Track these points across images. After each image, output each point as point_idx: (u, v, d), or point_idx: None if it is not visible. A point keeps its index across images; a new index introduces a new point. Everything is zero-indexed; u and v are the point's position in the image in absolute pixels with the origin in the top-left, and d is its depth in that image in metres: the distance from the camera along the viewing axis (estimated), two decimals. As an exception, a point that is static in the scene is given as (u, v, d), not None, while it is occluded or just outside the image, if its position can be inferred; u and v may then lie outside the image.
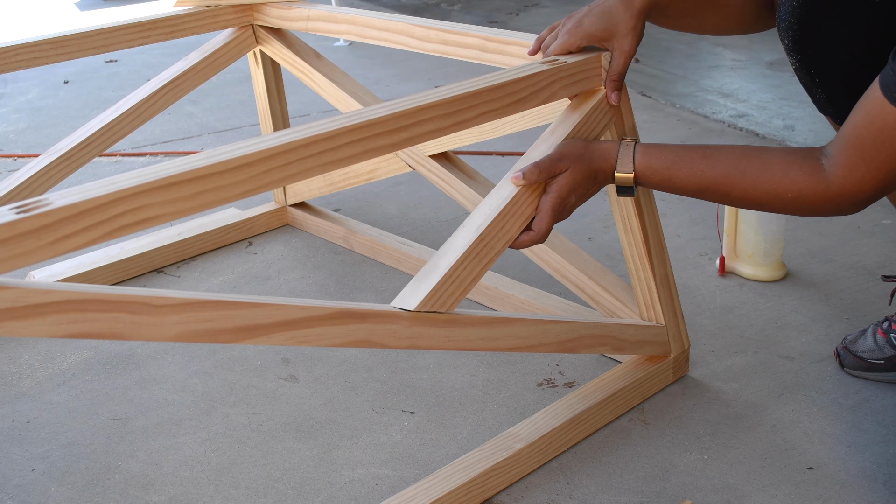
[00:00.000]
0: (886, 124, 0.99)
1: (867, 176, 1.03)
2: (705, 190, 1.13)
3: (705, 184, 1.12)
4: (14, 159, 2.60)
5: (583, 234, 1.91)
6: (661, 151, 1.14)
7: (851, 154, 1.03)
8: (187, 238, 1.89)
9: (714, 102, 2.78)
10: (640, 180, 1.15)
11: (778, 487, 1.18)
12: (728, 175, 1.10)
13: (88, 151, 1.61)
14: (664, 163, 1.13)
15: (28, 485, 1.26)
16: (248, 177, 0.89)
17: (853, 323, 1.52)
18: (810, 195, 1.07)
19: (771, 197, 1.09)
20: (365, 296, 1.71)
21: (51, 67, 3.61)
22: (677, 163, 1.12)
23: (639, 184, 1.15)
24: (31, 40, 1.55)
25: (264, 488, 1.23)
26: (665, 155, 1.13)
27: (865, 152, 1.02)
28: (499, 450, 1.21)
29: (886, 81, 0.99)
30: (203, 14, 1.73)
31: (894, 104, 0.98)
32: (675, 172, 1.13)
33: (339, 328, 0.99)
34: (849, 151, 1.03)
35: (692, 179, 1.12)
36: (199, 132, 2.76)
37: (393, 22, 1.49)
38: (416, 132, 1.02)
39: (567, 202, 1.13)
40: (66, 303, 0.80)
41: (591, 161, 1.13)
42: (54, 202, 0.78)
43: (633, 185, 1.15)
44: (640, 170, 1.14)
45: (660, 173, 1.13)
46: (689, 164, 1.12)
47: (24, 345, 1.61)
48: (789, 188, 1.08)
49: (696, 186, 1.12)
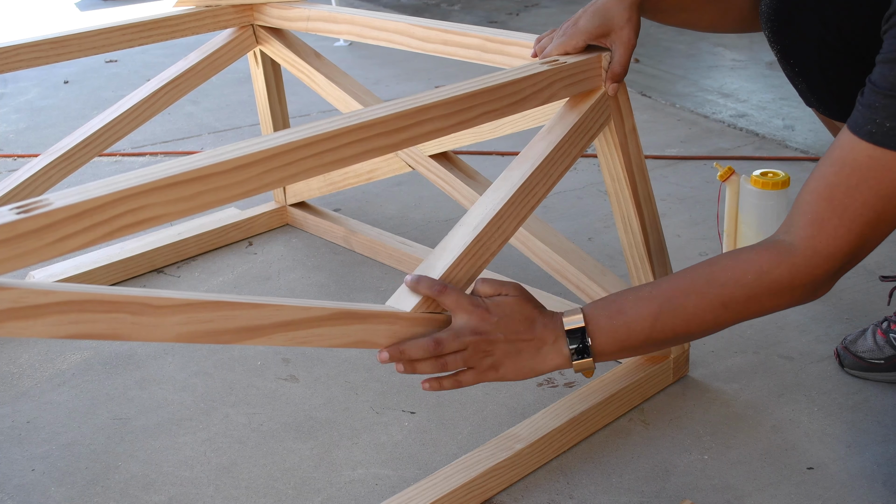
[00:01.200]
0: (858, 163, 0.90)
1: (840, 230, 0.92)
2: (670, 338, 1.02)
3: (671, 336, 1.02)
4: (14, 159, 2.60)
5: (583, 234, 1.91)
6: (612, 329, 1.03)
7: (819, 209, 0.93)
8: (187, 238, 1.89)
9: (714, 102, 2.78)
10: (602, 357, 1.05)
11: (778, 487, 1.18)
12: (675, 300, 1.00)
13: (88, 151, 1.61)
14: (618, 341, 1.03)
15: (28, 485, 1.26)
16: (248, 177, 0.89)
17: (853, 323, 1.52)
18: (773, 269, 0.96)
19: (729, 293, 0.97)
20: (365, 296, 1.71)
21: (51, 67, 3.61)
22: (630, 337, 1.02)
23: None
24: (31, 40, 1.55)
25: (264, 488, 1.23)
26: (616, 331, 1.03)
27: (836, 202, 0.92)
28: (499, 450, 1.21)
29: (854, 120, 0.91)
30: (203, 14, 1.73)
31: (867, 139, 0.89)
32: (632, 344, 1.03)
33: (340, 329, 0.99)
34: (815, 208, 0.93)
35: (650, 338, 1.02)
36: (199, 132, 2.76)
37: (393, 22, 1.49)
38: (417, 132, 1.02)
39: None
40: (66, 303, 0.80)
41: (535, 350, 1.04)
42: (55, 202, 0.78)
43: None
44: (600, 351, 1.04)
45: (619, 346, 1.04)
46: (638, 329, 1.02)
47: (24, 345, 1.61)
48: (746, 270, 0.97)
49: (658, 340, 1.03)
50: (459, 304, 1.02)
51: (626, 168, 1.26)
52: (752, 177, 1.64)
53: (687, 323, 1.01)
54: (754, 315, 1.00)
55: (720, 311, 0.99)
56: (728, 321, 1.01)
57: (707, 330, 1.02)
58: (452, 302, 1.02)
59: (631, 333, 1.02)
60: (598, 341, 1.03)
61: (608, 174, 1.29)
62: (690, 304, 1.00)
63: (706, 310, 0.99)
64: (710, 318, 1.00)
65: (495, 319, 1.02)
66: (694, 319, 1.00)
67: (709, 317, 1.00)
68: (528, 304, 1.04)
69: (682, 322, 1.01)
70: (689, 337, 1.05)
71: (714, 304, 0.99)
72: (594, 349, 1.03)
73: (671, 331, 1.01)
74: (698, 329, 1.02)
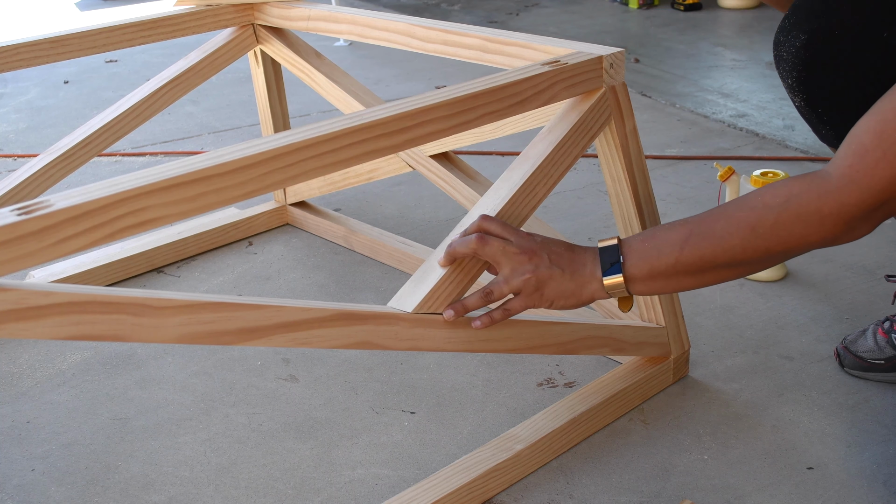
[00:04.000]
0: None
1: (882, 162, 0.89)
2: (707, 269, 1.03)
3: (699, 262, 1.02)
4: (14, 159, 2.59)
5: (583, 234, 1.91)
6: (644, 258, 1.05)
7: (866, 140, 0.90)
8: (187, 237, 1.89)
9: (714, 102, 2.78)
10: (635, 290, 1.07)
11: (778, 487, 1.18)
12: (713, 230, 1.01)
13: (88, 151, 1.61)
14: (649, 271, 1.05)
15: (28, 485, 1.26)
16: (250, 178, 0.89)
17: (853, 323, 1.52)
18: (803, 193, 0.95)
19: (757, 216, 0.97)
20: (365, 296, 1.71)
21: (51, 67, 3.61)
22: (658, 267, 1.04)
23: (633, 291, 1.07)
24: (31, 40, 1.54)
25: (264, 488, 1.23)
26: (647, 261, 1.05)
27: (886, 136, 0.89)
28: (499, 451, 1.21)
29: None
30: (203, 13, 1.73)
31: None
32: (664, 283, 1.05)
33: (340, 330, 0.99)
34: (862, 140, 0.91)
35: (682, 265, 1.03)
36: (199, 132, 2.76)
37: (393, 22, 1.49)
38: (418, 133, 1.02)
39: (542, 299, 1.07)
40: (67, 304, 0.80)
41: (578, 289, 1.07)
42: (55, 204, 0.78)
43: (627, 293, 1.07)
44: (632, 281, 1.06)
45: (651, 281, 1.05)
46: (668, 255, 1.03)
47: (24, 345, 1.61)
48: (777, 194, 0.97)
49: (695, 268, 1.03)
50: (504, 252, 1.05)
51: (626, 168, 1.26)
52: (752, 177, 1.64)
53: (714, 247, 1.00)
54: (783, 246, 0.98)
55: (747, 234, 0.98)
56: (756, 250, 0.99)
57: (735, 258, 1.01)
58: (496, 251, 1.05)
59: (661, 255, 1.04)
60: (629, 260, 1.06)
61: (608, 174, 1.29)
62: (719, 226, 1.00)
63: (733, 233, 0.99)
64: (738, 242, 0.99)
65: (539, 241, 1.07)
66: (721, 243, 1.00)
67: (736, 241, 0.99)
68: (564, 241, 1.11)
69: (710, 245, 1.00)
70: (716, 267, 1.03)
71: (741, 226, 0.99)
72: (625, 269, 1.06)
73: (699, 256, 1.01)
74: (725, 256, 1.00)
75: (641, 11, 4.10)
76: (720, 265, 1.02)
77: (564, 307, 1.08)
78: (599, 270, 1.07)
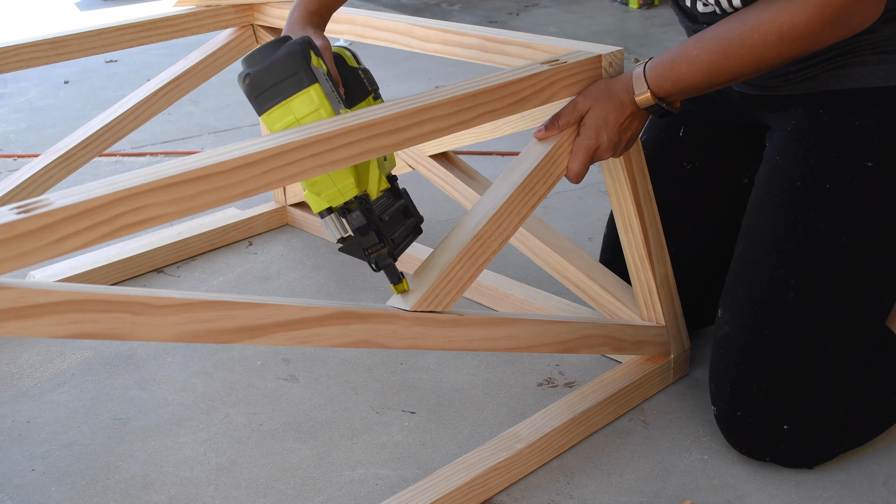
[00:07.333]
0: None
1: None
2: (712, 72, 1.11)
3: (707, 66, 1.10)
4: (14, 159, 2.60)
5: (583, 234, 1.91)
6: (663, 58, 1.14)
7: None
8: (187, 238, 1.89)
9: (714, 102, 2.77)
10: (660, 94, 1.14)
11: (778, 487, 1.18)
12: (719, 39, 1.09)
13: (88, 151, 1.61)
14: (667, 68, 1.13)
15: (28, 485, 1.26)
16: (249, 177, 0.89)
17: (853, 323, 1.52)
18: (792, 26, 1.03)
19: (761, 53, 1.06)
20: (365, 296, 1.71)
21: (51, 67, 3.61)
22: (678, 62, 1.12)
23: (662, 98, 1.15)
24: (31, 40, 1.54)
25: (264, 488, 1.23)
26: (666, 60, 1.13)
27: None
28: (499, 450, 1.21)
29: None
30: (203, 14, 1.73)
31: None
32: (679, 72, 1.12)
33: (340, 328, 0.99)
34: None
35: (695, 69, 1.11)
36: (199, 132, 2.76)
37: (393, 22, 1.49)
38: (417, 132, 1.02)
39: (601, 140, 1.16)
40: (66, 303, 0.80)
41: (613, 94, 1.16)
42: (55, 202, 0.78)
43: (656, 102, 1.15)
44: (654, 85, 1.14)
45: (670, 80, 1.13)
46: (685, 58, 1.11)
47: (24, 345, 1.61)
48: (770, 32, 1.05)
49: (702, 74, 1.11)
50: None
51: (626, 168, 1.26)
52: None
53: (728, 80, 1.12)
54: (804, 50, 1.06)
55: (757, 64, 1.08)
56: (780, 59, 1.08)
57: (743, 44, 1.08)
58: (568, 113, 1.18)
59: (677, 59, 1.13)
60: (650, 65, 1.15)
61: (608, 174, 1.29)
62: (734, 64, 1.09)
63: (744, 65, 1.09)
64: (754, 70, 1.10)
65: (608, 137, 1.17)
66: (743, 68, 1.10)
67: (752, 70, 1.10)
68: (605, 105, 1.17)
69: (737, 65, 1.10)
70: (728, 61, 1.11)
71: (752, 59, 1.08)
72: (647, 69, 1.15)
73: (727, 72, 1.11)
74: (733, 46, 1.09)
75: (641, 11, 4.11)
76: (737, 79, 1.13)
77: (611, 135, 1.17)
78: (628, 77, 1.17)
